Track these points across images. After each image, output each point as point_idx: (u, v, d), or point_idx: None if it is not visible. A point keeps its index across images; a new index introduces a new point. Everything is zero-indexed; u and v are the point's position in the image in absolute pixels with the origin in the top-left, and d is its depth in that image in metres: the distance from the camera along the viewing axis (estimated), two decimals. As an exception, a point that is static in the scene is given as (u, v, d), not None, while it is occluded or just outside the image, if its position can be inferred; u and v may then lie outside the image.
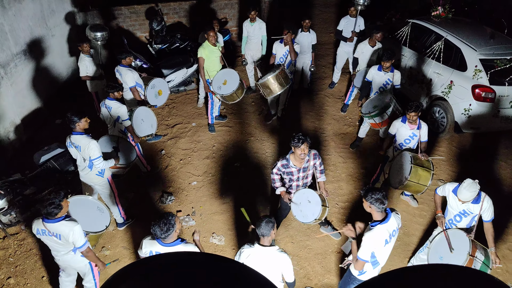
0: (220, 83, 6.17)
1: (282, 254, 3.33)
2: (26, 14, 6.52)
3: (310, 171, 4.42)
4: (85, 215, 3.99)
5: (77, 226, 3.55)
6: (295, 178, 4.39)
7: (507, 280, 4.64)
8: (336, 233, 5.09)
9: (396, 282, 0.89)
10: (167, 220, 3.11)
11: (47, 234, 3.58)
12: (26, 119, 6.59)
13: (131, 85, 5.73)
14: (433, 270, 0.94)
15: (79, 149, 4.42)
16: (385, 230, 3.34)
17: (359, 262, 3.40)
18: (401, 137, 5.07)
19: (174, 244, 3.21)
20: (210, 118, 6.81)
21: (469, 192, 3.71)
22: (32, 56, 6.68)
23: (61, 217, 3.55)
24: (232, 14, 9.37)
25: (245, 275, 0.98)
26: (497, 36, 6.71)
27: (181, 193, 5.76)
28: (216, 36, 6.24)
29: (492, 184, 5.93)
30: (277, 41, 6.55)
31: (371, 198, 3.32)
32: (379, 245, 3.35)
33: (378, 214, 3.37)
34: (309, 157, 4.29)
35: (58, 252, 3.77)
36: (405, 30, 7.30)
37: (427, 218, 5.40)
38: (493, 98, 6.01)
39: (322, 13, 11.25)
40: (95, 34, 6.31)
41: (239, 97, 6.28)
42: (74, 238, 3.54)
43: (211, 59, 6.22)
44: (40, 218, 3.58)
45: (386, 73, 5.83)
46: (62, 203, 3.48)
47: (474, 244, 3.76)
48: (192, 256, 1.06)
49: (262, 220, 3.30)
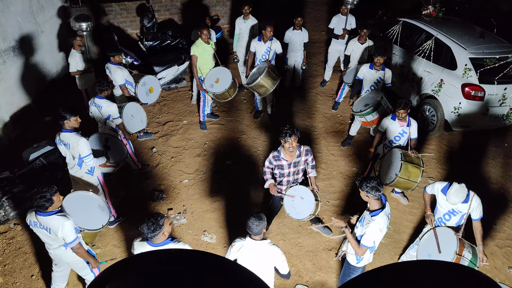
0: (212, 81, 6.15)
1: (273, 247, 3.36)
2: (15, 10, 6.43)
3: (301, 167, 4.41)
4: (84, 212, 3.96)
5: (67, 222, 3.52)
6: (286, 173, 4.36)
7: (495, 276, 4.71)
8: (326, 230, 5.12)
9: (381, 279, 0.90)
10: (155, 220, 3.10)
11: (38, 227, 3.58)
12: (15, 116, 6.51)
13: (121, 83, 5.72)
14: (419, 266, 0.94)
15: (69, 147, 4.38)
16: (386, 216, 3.48)
17: (363, 249, 3.53)
18: (391, 134, 5.10)
19: (164, 243, 3.19)
20: (201, 116, 6.79)
21: (457, 197, 3.77)
22: (21, 53, 6.60)
23: (53, 211, 3.52)
24: (224, 12, 9.34)
25: (234, 272, 0.97)
26: (486, 35, 6.78)
27: (172, 191, 5.74)
28: (210, 34, 6.22)
29: (481, 182, 6.00)
30: (255, 39, 6.51)
31: (367, 187, 3.42)
32: (382, 232, 3.48)
33: (376, 202, 3.49)
34: (301, 152, 4.28)
35: (51, 246, 3.76)
36: (396, 28, 7.34)
37: (417, 215, 5.44)
38: (483, 97, 6.07)
39: (314, 11, 11.27)
40: (80, 24, 6.21)
41: (231, 95, 6.26)
42: (64, 234, 3.52)
43: (204, 57, 6.21)
44: (34, 210, 3.57)
45: (377, 71, 5.86)
46: (53, 197, 3.45)
47: (462, 242, 3.80)
48: (182, 253, 1.06)
49: (253, 221, 3.27)
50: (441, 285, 0.86)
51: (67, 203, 3.85)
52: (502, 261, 4.89)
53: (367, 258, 3.77)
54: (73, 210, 3.80)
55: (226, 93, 6.13)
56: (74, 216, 3.73)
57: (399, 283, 0.87)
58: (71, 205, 3.85)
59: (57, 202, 3.52)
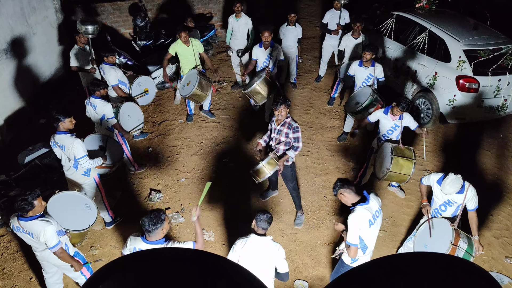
0: (185, 83, 6.24)
1: (276, 244, 3.43)
2: (6, 12, 6.38)
3: (282, 138, 4.62)
4: (71, 212, 3.94)
5: (49, 227, 3.50)
6: (271, 137, 4.78)
7: (493, 267, 4.74)
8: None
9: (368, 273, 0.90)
10: (158, 214, 3.13)
11: (21, 232, 3.57)
12: (9, 119, 6.48)
13: (113, 84, 5.71)
14: (410, 257, 0.95)
15: (64, 149, 4.36)
16: (366, 211, 3.43)
17: (351, 248, 3.48)
18: (384, 128, 5.12)
19: (157, 242, 3.19)
20: (188, 110, 6.96)
21: (452, 188, 3.79)
22: (13, 55, 6.55)
23: (35, 216, 3.50)
24: (217, 9, 9.31)
25: (231, 272, 0.97)
26: (480, 27, 6.79)
27: (170, 190, 5.74)
28: (188, 37, 6.20)
29: (477, 173, 6.03)
30: (256, 45, 6.39)
31: (334, 189, 3.61)
32: (364, 226, 3.42)
33: (351, 196, 3.51)
34: (285, 122, 4.56)
35: (37, 249, 3.76)
36: (390, 22, 7.34)
37: (414, 208, 5.47)
38: (477, 89, 6.09)
39: (307, 6, 11.25)
40: (86, 27, 6.17)
41: (200, 101, 6.31)
42: (46, 238, 3.51)
43: (184, 57, 6.34)
44: (16, 215, 3.56)
45: (366, 68, 5.81)
46: (34, 201, 3.42)
47: (457, 233, 3.83)
48: (178, 252, 1.06)
49: (265, 216, 3.40)
50: (426, 277, 0.86)
51: (53, 204, 3.83)
52: (499, 251, 4.92)
53: (362, 259, 3.65)
54: (59, 211, 3.77)
55: (191, 98, 6.14)
56: (60, 217, 3.71)
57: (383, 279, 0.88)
58: (58, 206, 3.82)
59: (38, 207, 3.48)
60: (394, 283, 0.87)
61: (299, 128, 4.61)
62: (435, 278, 0.87)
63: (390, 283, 0.87)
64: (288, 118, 4.59)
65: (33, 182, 5.21)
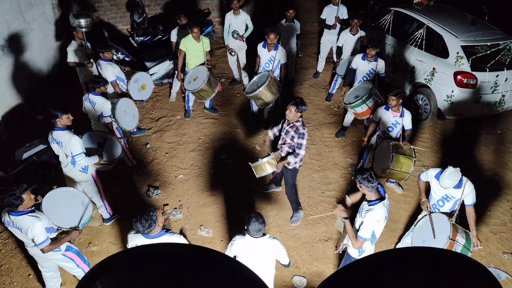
0: (191, 78, 6.19)
1: (273, 240, 3.41)
2: (2, 8, 6.33)
3: (288, 139, 4.55)
4: (65, 209, 3.91)
5: (38, 223, 3.50)
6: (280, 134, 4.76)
7: (490, 262, 4.76)
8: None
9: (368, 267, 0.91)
10: (148, 216, 3.10)
11: (12, 226, 3.57)
12: (6, 116, 6.45)
13: (111, 80, 5.69)
14: (409, 252, 0.95)
15: (61, 145, 4.35)
16: (384, 207, 3.48)
17: (360, 241, 3.52)
18: (384, 124, 5.12)
19: (158, 235, 3.19)
20: (186, 106, 6.94)
21: (451, 180, 3.81)
22: (10, 52, 6.52)
23: (25, 211, 3.50)
24: (215, 5, 9.26)
25: (232, 269, 0.97)
26: (478, 23, 6.79)
27: (168, 186, 5.73)
28: (199, 33, 6.18)
29: (475, 169, 6.05)
30: (260, 44, 6.22)
31: (359, 178, 3.50)
32: (380, 223, 3.48)
33: (371, 193, 3.51)
34: (293, 125, 4.46)
35: (28, 244, 3.75)
36: (388, 18, 7.33)
37: (412, 204, 5.48)
38: (475, 84, 6.10)
39: (305, 2, 11.21)
40: (79, 21, 6.13)
41: (205, 98, 6.29)
42: (33, 234, 3.50)
43: (191, 53, 6.27)
44: (7, 210, 3.55)
45: (369, 62, 5.83)
46: (23, 195, 3.41)
47: (455, 228, 3.84)
48: (178, 248, 1.05)
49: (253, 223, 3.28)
50: (417, 271, 0.87)
51: (49, 199, 3.81)
52: (496, 246, 4.94)
53: (369, 250, 3.74)
54: (54, 207, 3.74)
55: (197, 93, 6.11)
56: (54, 214, 3.69)
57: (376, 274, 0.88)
58: (53, 202, 3.80)
59: (27, 201, 3.47)
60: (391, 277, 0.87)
61: (305, 135, 4.44)
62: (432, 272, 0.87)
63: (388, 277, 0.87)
64: (299, 122, 4.44)
65: (31, 179, 5.20)
